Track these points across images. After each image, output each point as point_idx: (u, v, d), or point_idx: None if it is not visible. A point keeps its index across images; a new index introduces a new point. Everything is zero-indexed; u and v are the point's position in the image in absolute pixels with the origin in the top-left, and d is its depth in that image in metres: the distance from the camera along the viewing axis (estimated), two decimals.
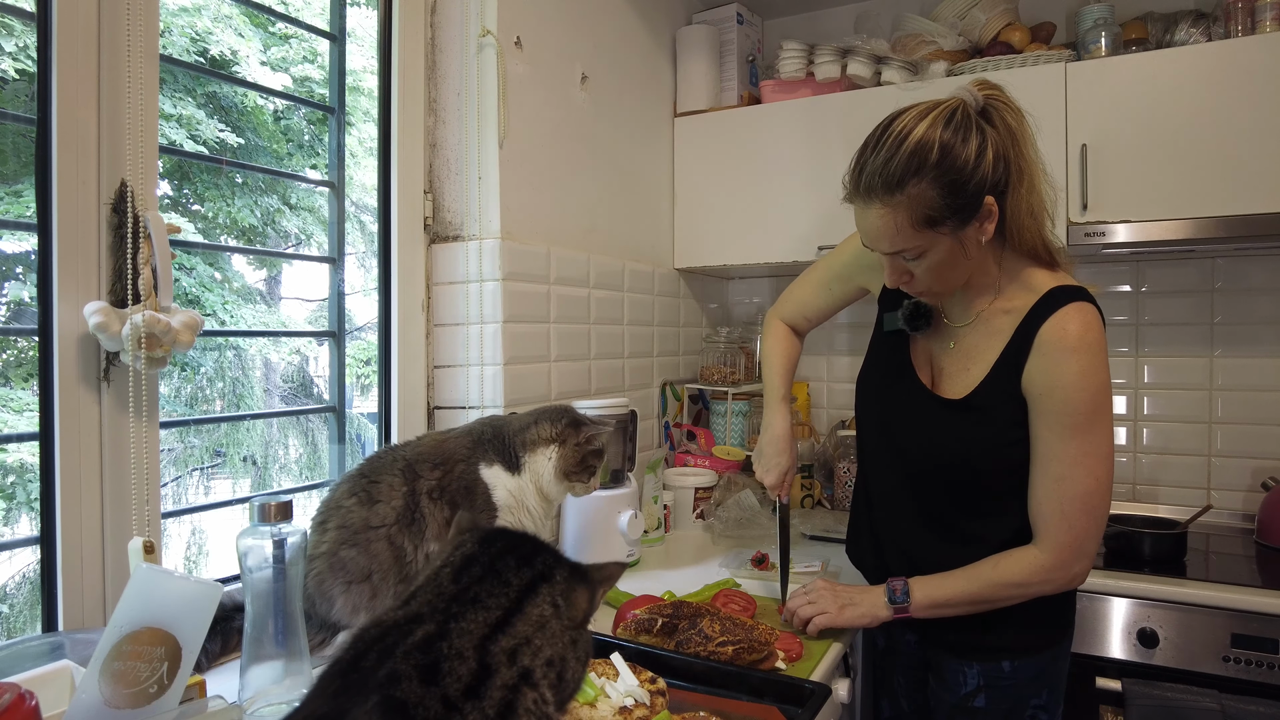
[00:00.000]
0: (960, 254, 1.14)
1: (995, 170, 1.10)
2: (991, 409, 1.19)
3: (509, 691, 0.53)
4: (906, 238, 1.11)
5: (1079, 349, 1.11)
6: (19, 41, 1.21)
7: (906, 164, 1.07)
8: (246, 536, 0.99)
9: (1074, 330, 1.12)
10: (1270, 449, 2.08)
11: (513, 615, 0.57)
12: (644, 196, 2.27)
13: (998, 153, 1.10)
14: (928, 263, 1.14)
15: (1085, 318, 1.13)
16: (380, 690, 0.50)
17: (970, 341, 1.23)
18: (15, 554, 1.39)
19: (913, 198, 1.08)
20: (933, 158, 1.07)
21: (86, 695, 0.85)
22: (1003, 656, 1.25)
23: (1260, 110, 1.75)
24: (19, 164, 1.23)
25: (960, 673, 1.28)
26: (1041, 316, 1.14)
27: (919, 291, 1.21)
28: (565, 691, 0.61)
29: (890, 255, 1.16)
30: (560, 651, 0.59)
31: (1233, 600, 1.56)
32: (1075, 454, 1.13)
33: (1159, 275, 2.21)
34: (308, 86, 2.19)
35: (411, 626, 0.55)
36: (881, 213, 1.10)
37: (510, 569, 0.61)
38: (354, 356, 1.85)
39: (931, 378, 1.28)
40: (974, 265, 1.18)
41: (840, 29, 2.50)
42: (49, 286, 1.13)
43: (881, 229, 1.12)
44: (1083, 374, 1.11)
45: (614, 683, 1.05)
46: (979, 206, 1.10)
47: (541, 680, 0.56)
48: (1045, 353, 1.13)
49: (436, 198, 1.77)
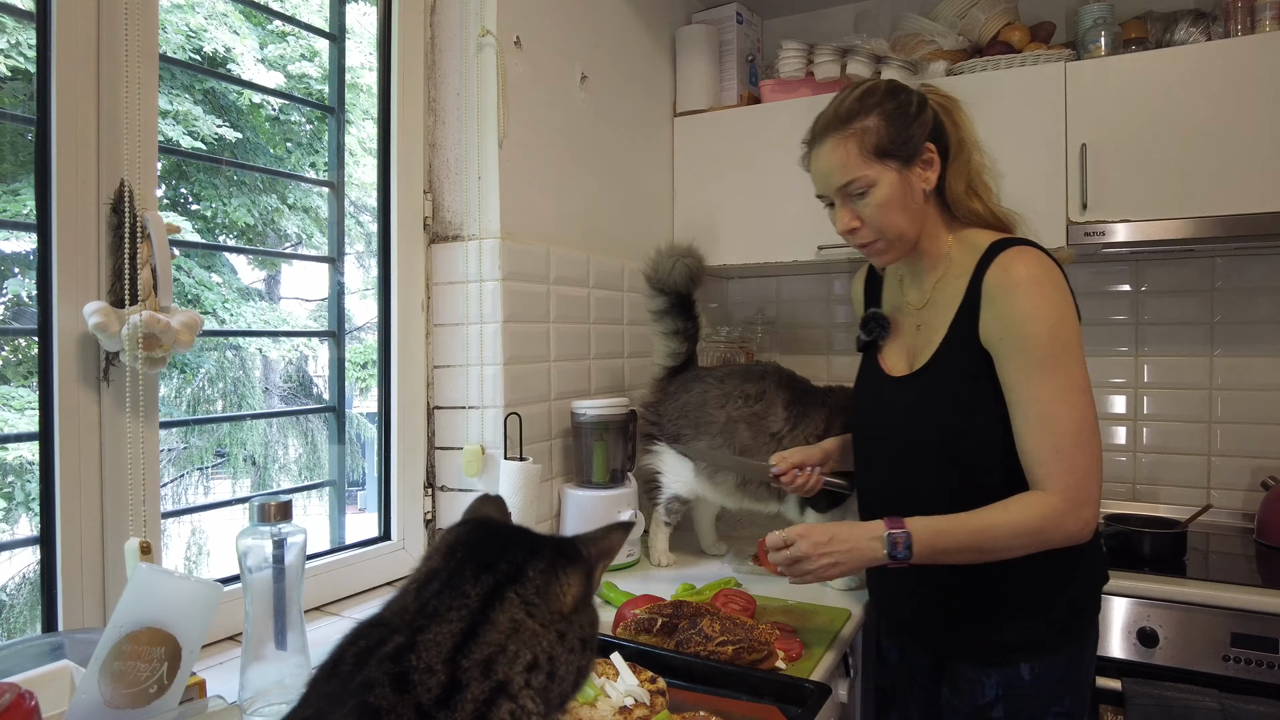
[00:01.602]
0: (907, 194, 1.21)
1: (934, 129, 1.22)
2: (948, 370, 1.21)
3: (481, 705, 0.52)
4: (856, 165, 1.20)
5: (1025, 283, 1.13)
6: (11, 39, 1.21)
7: (857, 101, 1.21)
8: (246, 536, 0.98)
9: (1017, 269, 1.14)
10: (1270, 448, 2.08)
11: (479, 626, 0.55)
12: (644, 196, 2.27)
13: (935, 115, 1.23)
14: (875, 199, 1.20)
15: (1027, 257, 1.15)
16: (357, 695, 0.50)
17: (930, 317, 1.26)
18: (15, 554, 1.39)
19: (862, 129, 1.20)
20: (877, 97, 1.21)
21: (86, 695, 0.85)
22: (1019, 658, 1.20)
23: (1260, 110, 1.75)
24: (17, 164, 1.23)
25: (978, 683, 1.23)
26: (985, 267, 1.18)
27: (868, 241, 1.25)
28: (563, 686, 0.59)
29: (841, 194, 1.23)
30: (545, 651, 0.57)
31: (1233, 600, 1.56)
32: (1053, 391, 1.11)
33: (1159, 275, 2.20)
34: (305, 84, 2.19)
35: (384, 636, 0.54)
36: (833, 144, 1.21)
37: (467, 579, 0.58)
38: (352, 360, 1.85)
39: (908, 366, 1.30)
40: (920, 216, 1.23)
41: (840, 29, 2.50)
42: (48, 286, 1.13)
43: (833, 160, 1.21)
44: (1034, 306, 1.12)
45: (614, 683, 1.05)
46: (921, 148, 1.21)
47: (522, 690, 0.54)
48: (993, 297, 1.15)
49: (436, 197, 1.76)
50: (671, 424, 1.81)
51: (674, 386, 1.85)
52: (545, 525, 1.79)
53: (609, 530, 0.67)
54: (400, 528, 1.71)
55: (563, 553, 0.62)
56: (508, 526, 0.67)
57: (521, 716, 0.53)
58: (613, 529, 0.67)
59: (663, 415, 1.83)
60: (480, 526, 0.65)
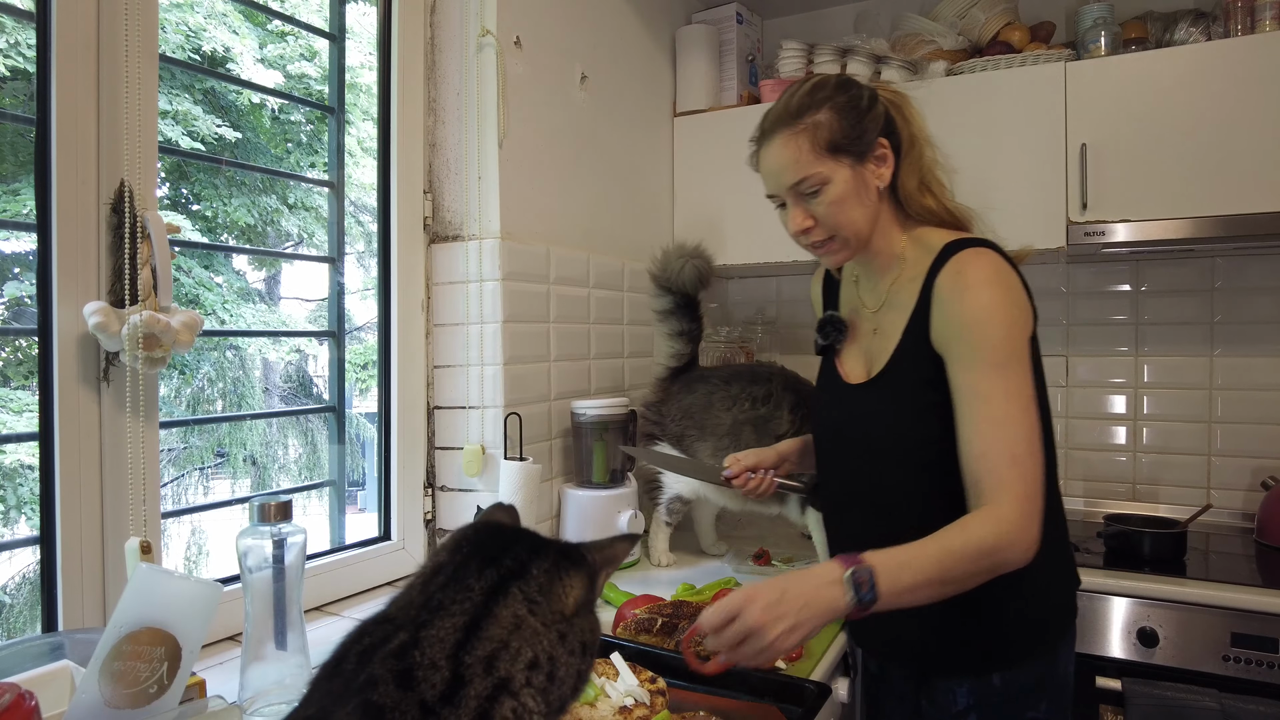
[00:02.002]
0: (860, 191, 1.16)
1: (886, 124, 1.18)
2: (903, 377, 1.16)
3: (484, 702, 0.52)
4: (808, 163, 1.15)
5: (976, 285, 1.08)
6: (10, 39, 1.21)
7: (808, 95, 1.16)
8: (246, 536, 0.99)
9: (969, 270, 1.10)
10: (1270, 449, 2.08)
11: (481, 619, 0.55)
12: (644, 196, 2.27)
13: (886, 110, 1.19)
14: (829, 196, 1.15)
15: (980, 260, 1.11)
16: (361, 693, 0.50)
17: (886, 320, 1.22)
18: (15, 554, 1.39)
19: (813, 124, 1.15)
20: (828, 90, 1.17)
21: (86, 695, 0.85)
22: (990, 667, 1.17)
23: (1260, 110, 1.75)
24: (17, 164, 1.23)
25: (950, 693, 1.20)
26: (938, 269, 1.13)
27: (821, 241, 1.20)
28: (562, 689, 0.58)
29: (793, 192, 1.18)
30: (546, 650, 0.57)
31: (1233, 599, 1.56)
32: (1005, 391, 1.04)
33: (1159, 275, 2.20)
34: (305, 84, 2.19)
35: (388, 633, 0.55)
36: (784, 141, 1.16)
37: (472, 572, 0.59)
38: (352, 361, 1.85)
39: (866, 371, 1.25)
40: (875, 214, 1.19)
41: (840, 29, 2.50)
42: (48, 286, 1.13)
43: (784, 158, 1.16)
44: (986, 308, 1.07)
45: (614, 682, 1.05)
46: (873, 143, 1.17)
47: (524, 688, 0.54)
48: (943, 299, 1.11)
49: (436, 197, 1.76)
50: (675, 425, 1.80)
51: (677, 387, 1.85)
52: (545, 525, 1.79)
53: (615, 539, 0.67)
54: (400, 528, 1.71)
55: (567, 555, 0.63)
56: (515, 528, 0.67)
57: (523, 714, 0.53)
58: (618, 538, 0.67)
59: (665, 416, 1.83)
60: (487, 526, 0.66)
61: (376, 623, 0.57)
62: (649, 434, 1.85)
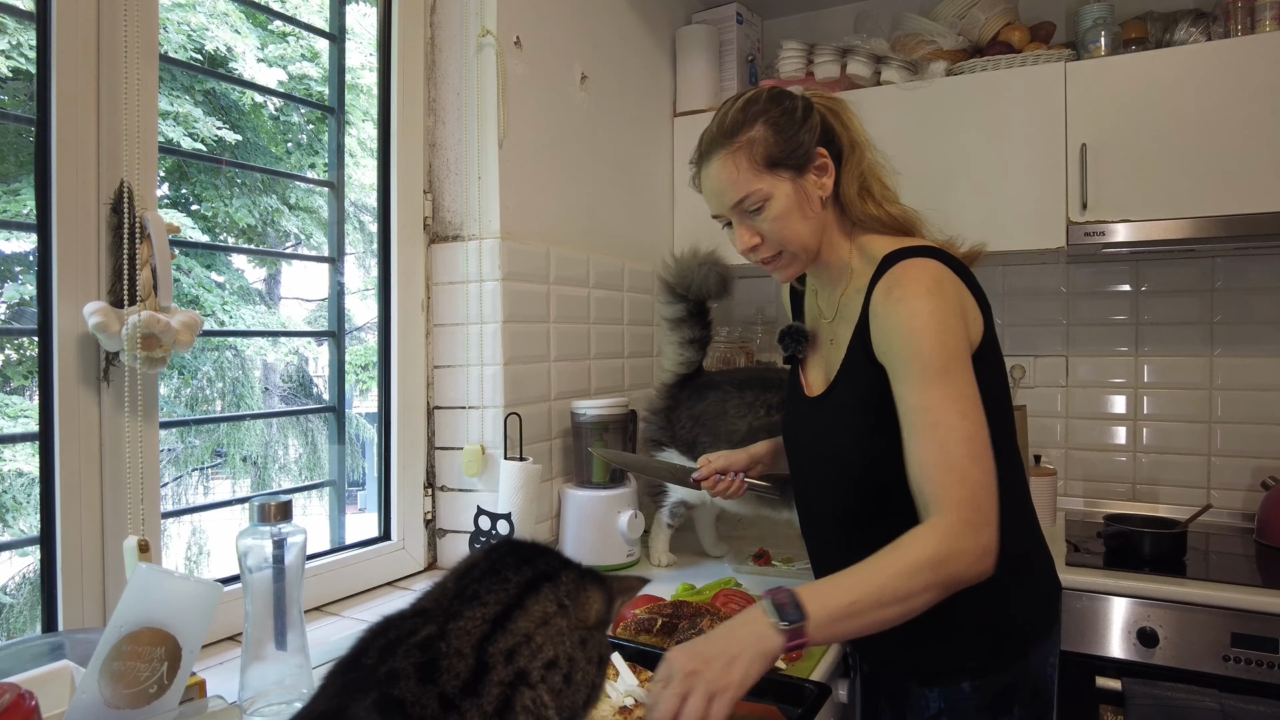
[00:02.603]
0: (803, 203, 1.16)
1: (824, 134, 1.17)
2: (850, 390, 1.16)
3: (506, 688, 0.53)
4: (747, 181, 1.15)
5: (904, 297, 1.07)
6: (12, 39, 1.21)
7: (740, 113, 1.17)
8: (246, 536, 0.98)
9: (899, 283, 1.09)
10: (1270, 449, 2.08)
11: (513, 610, 0.57)
12: (644, 196, 2.27)
13: (825, 124, 1.18)
14: (772, 212, 1.16)
15: (912, 270, 1.09)
16: (379, 688, 0.51)
17: (839, 331, 1.21)
18: (15, 554, 1.39)
19: (749, 140, 1.15)
20: (760, 105, 1.17)
21: (86, 695, 0.85)
22: (961, 677, 1.16)
23: (1260, 110, 1.75)
24: (17, 164, 1.23)
25: (923, 696, 1.21)
26: (874, 283, 1.12)
27: (770, 257, 1.21)
28: (576, 695, 0.59)
29: (736, 211, 1.18)
30: (567, 652, 0.58)
31: (1233, 600, 1.56)
32: (941, 398, 1.02)
33: (1159, 275, 2.20)
34: (306, 84, 2.19)
35: (415, 626, 0.56)
36: (721, 161, 1.16)
37: (510, 567, 0.61)
38: (352, 361, 1.85)
39: (826, 382, 1.24)
40: (821, 225, 1.19)
41: (840, 29, 2.50)
42: (48, 286, 1.13)
43: (724, 178, 1.17)
44: (912, 316, 1.05)
45: (614, 683, 1.05)
46: (812, 153, 1.16)
47: (539, 683, 0.56)
48: (877, 313, 1.10)
49: (436, 197, 1.76)
50: (685, 431, 1.78)
51: (686, 394, 1.82)
52: (545, 525, 1.79)
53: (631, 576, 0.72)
54: (400, 528, 1.71)
55: (591, 573, 0.67)
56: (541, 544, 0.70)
57: (539, 707, 0.54)
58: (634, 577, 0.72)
59: (674, 423, 1.80)
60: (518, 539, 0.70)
61: (405, 617, 0.59)
62: (655, 440, 1.83)
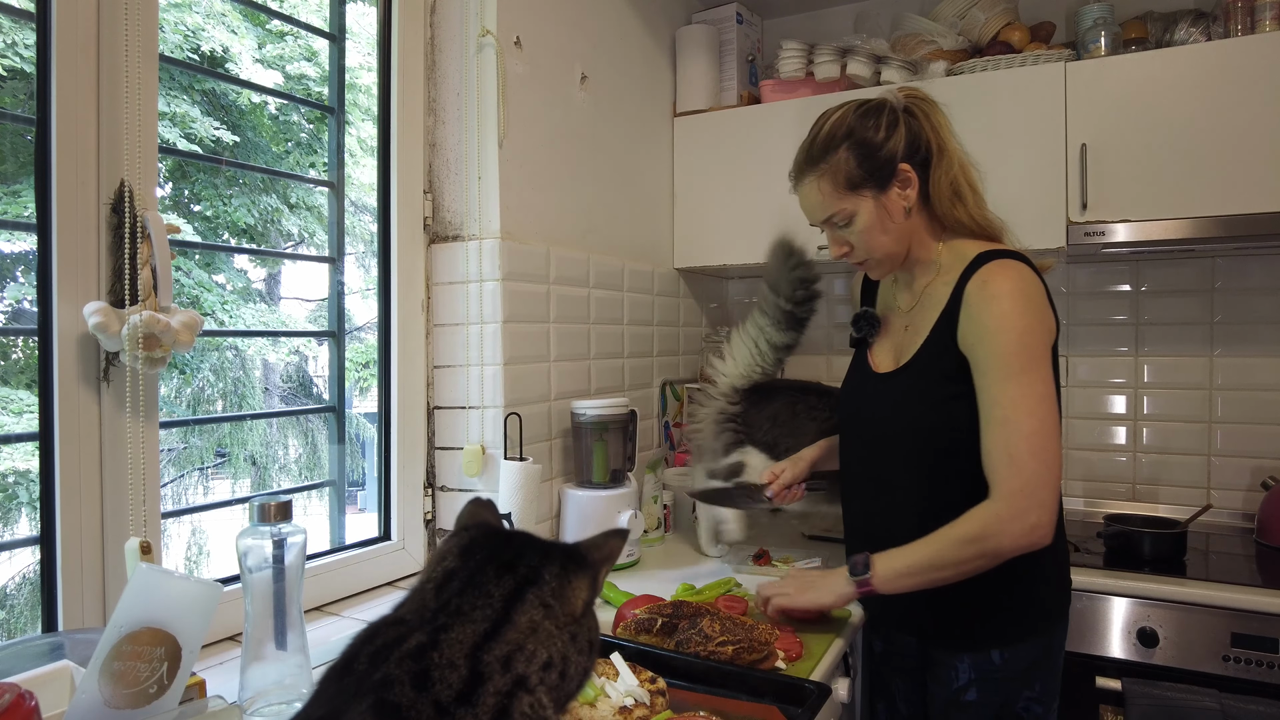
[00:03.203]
0: (886, 218, 1.28)
1: (909, 145, 1.26)
2: (926, 368, 1.27)
3: (503, 698, 0.53)
4: (832, 201, 1.28)
5: (998, 295, 1.19)
6: (7, 39, 1.21)
7: (826, 140, 1.28)
8: (246, 536, 0.98)
9: (993, 280, 1.20)
10: (1270, 449, 2.08)
11: (501, 625, 0.57)
12: (644, 196, 2.27)
13: (911, 132, 1.26)
14: (858, 227, 1.28)
15: (1006, 270, 1.21)
16: (375, 692, 0.51)
17: (918, 319, 1.33)
18: (15, 554, 1.39)
19: (833, 164, 1.27)
20: (843, 131, 1.27)
21: (86, 695, 0.85)
22: (991, 645, 1.26)
23: (1260, 110, 1.75)
24: (17, 164, 1.23)
25: (952, 668, 1.29)
26: (968, 276, 1.24)
27: (860, 261, 1.34)
28: (569, 687, 0.60)
29: (827, 226, 1.32)
30: (559, 651, 0.59)
31: (1233, 600, 1.56)
32: (1014, 396, 1.16)
33: (1159, 275, 2.20)
34: (304, 84, 2.19)
35: (403, 634, 0.55)
36: (810, 183, 1.30)
37: (491, 579, 0.60)
38: (352, 360, 1.85)
39: (894, 364, 1.35)
40: (905, 233, 1.30)
41: (840, 29, 2.50)
42: (48, 287, 1.13)
43: (812, 198, 1.31)
44: (1003, 316, 1.17)
45: (614, 683, 1.05)
46: (894, 172, 1.25)
47: (538, 686, 0.56)
48: (969, 305, 1.21)
49: (436, 197, 1.76)
50: (764, 434, 1.81)
51: (755, 395, 1.84)
52: (545, 525, 1.79)
53: (608, 537, 0.68)
54: (400, 528, 1.71)
55: (572, 559, 0.65)
56: (514, 532, 0.69)
57: (539, 710, 0.54)
58: (611, 536, 0.68)
59: (752, 425, 1.82)
60: (490, 531, 0.68)
61: (389, 624, 0.58)
62: (737, 441, 1.82)
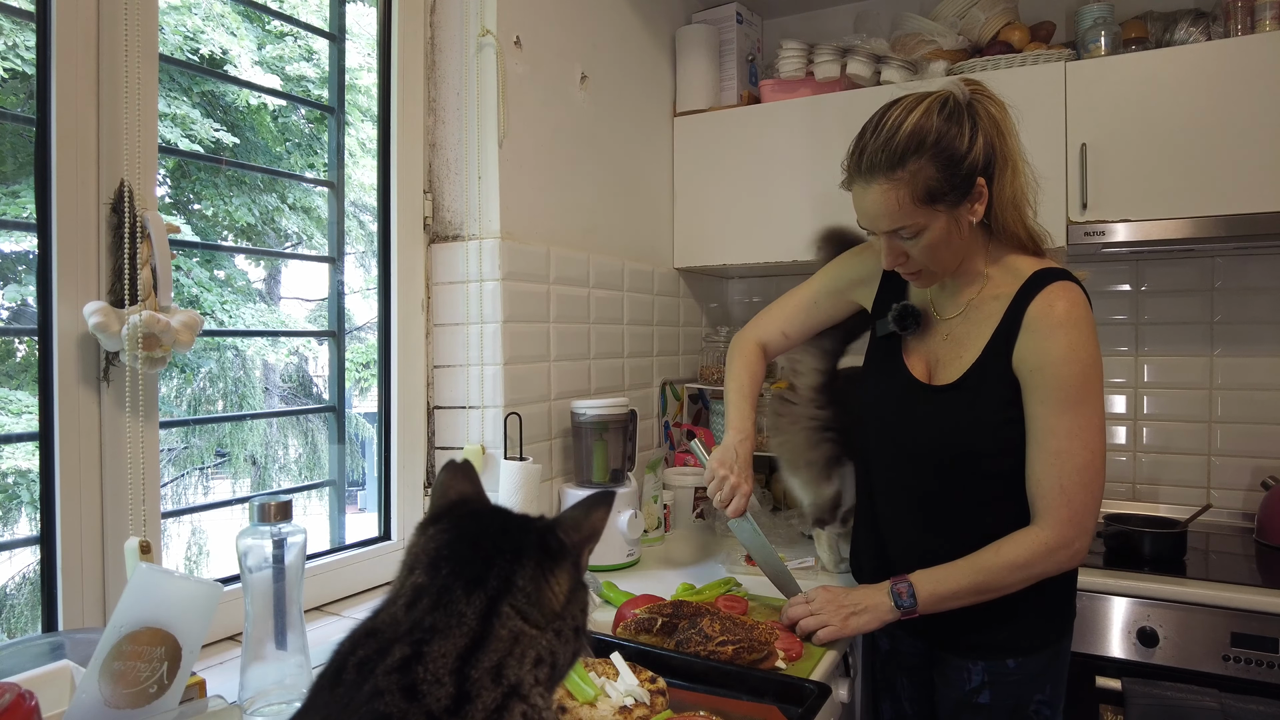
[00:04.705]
0: (955, 233, 1.20)
1: (985, 154, 1.17)
2: (982, 389, 1.22)
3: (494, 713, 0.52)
4: (907, 213, 1.16)
5: (1066, 324, 1.15)
6: (8, 40, 1.21)
7: (907, 143, 1.14)
8: (246, 536, 0.98)
9: (1061, 307, 1.16)
10: (1270, 448, 2.08)
11: (481, 641, 0.55)
12: (644, 196, 2.27)
13: (986, 139, 1.18)
14: (925, 241, 1.19)
15: (1071, 295, 1.17)
16: (368, 703, 0.50)
17: (962, 330, 1.27)
18: (15, 554, 1.39)
19: (913, 174, 1.14)
20: (930, 138, 1.14)
21: (86, 695, 0.85)
22: (1008, 655, 1.26)
23: (1260, 109, 1.75)
24: (17, 164, 1.22)
25: (964, 670, 1.29)
26: (1029, 296, 1.19)
27: (913, 272, 1.25)
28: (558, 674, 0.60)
29: (889, 235, 1.20)
30: (546, 647, 0.58)
31: (1233, 599, 1.55)
32: (1070, 428, 1.15)
33: (1159, 274, 2.20)
34: (304, 85, 2.19)
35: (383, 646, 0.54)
36: (884, 189, 1.16)
37: (460, 599, 0.56)
38: (352, 360, 1.85)
39: (927, 372, 1.31)
40: (965, 248, 1.24)
41: (840, 28, 2.50)
42: (48, 287, 1.13)
43: (884, 206, 1.17)
44: (1071, 348, 1.15)
45: (614, 682, 1.05)
46: (972, 186, 1.17)
47: (532, 689, 0.55)
48: (1034, 329, 1.17)
49: (436, 197, 1.76)
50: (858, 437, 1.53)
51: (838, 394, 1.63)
52: None
53: (589, 508, 0.64)
54: (400, 528, 1.71)
55: (547, 552, 0.61)
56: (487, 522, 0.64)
57: (534, 715, 0.54)
58: (593, 507, 0.64)
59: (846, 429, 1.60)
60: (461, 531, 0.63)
61: (367, 635, 0.56)
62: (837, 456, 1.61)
